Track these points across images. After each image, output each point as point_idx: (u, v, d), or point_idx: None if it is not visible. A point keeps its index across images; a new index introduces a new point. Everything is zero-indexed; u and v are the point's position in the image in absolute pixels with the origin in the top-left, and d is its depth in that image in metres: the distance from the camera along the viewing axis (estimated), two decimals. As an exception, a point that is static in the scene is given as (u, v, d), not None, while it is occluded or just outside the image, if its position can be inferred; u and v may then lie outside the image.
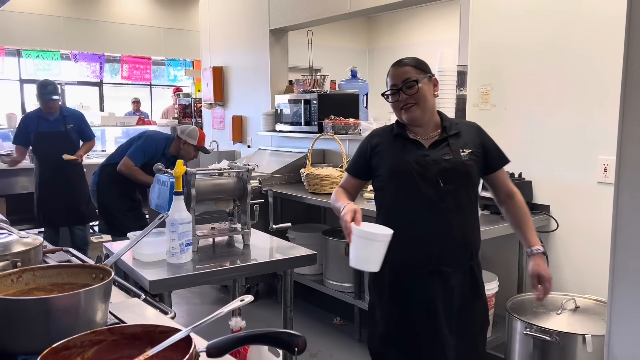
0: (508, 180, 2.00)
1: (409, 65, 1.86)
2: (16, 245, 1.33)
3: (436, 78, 1.90)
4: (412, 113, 1.84)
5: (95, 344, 0.97)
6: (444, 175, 1.83)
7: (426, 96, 1.84)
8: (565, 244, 2.88)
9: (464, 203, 1.87)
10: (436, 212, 1.84)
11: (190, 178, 2.25)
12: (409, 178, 1.85)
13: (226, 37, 5.83)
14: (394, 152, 1.91)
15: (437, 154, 1.85)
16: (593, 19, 2.70)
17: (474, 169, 1.87)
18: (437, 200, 1.83)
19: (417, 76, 1.83)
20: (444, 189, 1.82)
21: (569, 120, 2.83)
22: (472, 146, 1.88)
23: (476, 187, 1.92)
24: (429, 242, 1.85)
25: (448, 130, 1.89)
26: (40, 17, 7.76)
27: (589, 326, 2.18)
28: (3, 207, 5.38)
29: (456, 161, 1.84)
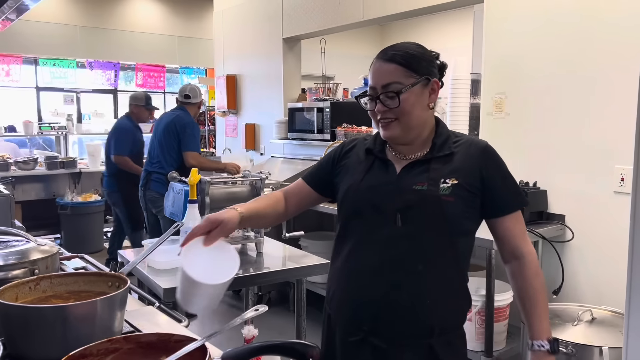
0: (519, 235, 1.38)
1: (396, 62, 1.33)
2: (34, 252, 1.35)
3: (436, 80, 1.37)
4: (391, 131, 1.36)
5: (111, 352, 0.98)
6: (405, 211, 1.31)
7: (412, 110, 1.33)
8: (581, 254, 2.85)
9: (431, 255, 1.32)
10: (385, 261, 1.33)
11: (204, 186, 2.27)
12: (361, 210, 1.38)
13: (240, 45, 5.87)
14: (355, 172, 1.44)
15: (408, 182, 1.35)
16: (609, 27, 2.68)
17: (458, 209, 1.31)
18: (389, 245, 1.33)
19: (404, 81, 1.31)
20: (401, 231, 1.32)
21: (585, 128, 2.80)
22: (463, 176, 1.33)
23: (462, 236, 1.36)
24: (363, 300, 1.35)
25: (437, 150, 1.37)
26: (57, 26, 7.88)
27: (606, 338, 2.15)
28: (19, 214, 5.44)
29: (428, 194, 1.31)
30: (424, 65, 1.35)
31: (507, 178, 1.39)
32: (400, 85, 1.31)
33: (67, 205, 5.89)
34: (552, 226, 2.85)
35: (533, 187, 2.92)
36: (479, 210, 1.37)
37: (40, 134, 7.02)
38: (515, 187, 1.41)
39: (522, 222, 1.40)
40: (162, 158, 4.18)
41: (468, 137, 1.44)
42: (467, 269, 1.42)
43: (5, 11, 3.15)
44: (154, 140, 4.31)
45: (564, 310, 2.43)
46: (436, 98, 1.40)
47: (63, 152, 7.11)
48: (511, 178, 1.40)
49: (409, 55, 1.34)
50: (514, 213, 1.38)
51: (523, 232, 1.40)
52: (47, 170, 6.22)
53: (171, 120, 4.22)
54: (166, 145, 4.18)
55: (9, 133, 6.73)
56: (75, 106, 8.29)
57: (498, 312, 2.72)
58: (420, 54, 1.37)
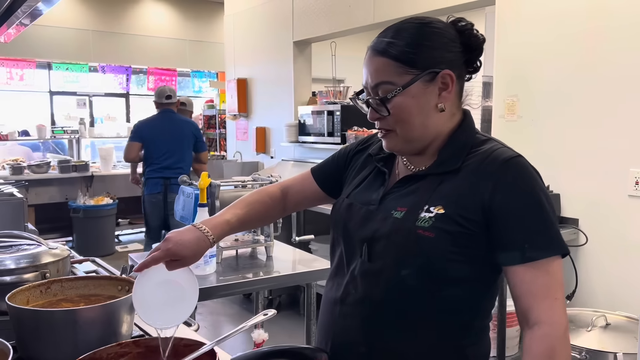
0: (536, 295, 0.96)
1: (388, 55, 1.01)
2: (45, 256, 1.36)
3: (450, 73, 1.02)
4: (389, 143, 1.08)
5: (120, 356, 0.98)
6: (372, 243, 1.04)
7: (408, 119, 1.02)
8: (595, 258, 2.81)
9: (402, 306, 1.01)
10: (346, 301, 1.07)
11: (214, 190, 2.27)
12: (336, 233, 1.15)
13: (250, 49, 5.89)
14: (352, 181, 1.19)
15: (390, 204, 1.05)
16: (622, 29, 2.65)
17: (438, 249, 0.98)
18: (350, 282, 1.07)
19: (396, 81, 1.00)
20: (367, 268, 1.05)
21: (599, 131, 2.77)
22: (454, 203, 0.99)
23: (450, 284, 1.01)
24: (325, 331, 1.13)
25: (440, 163, 1.05)
26: (70, 31, 7.97)
27: (621, 344, 2.11)
28: (32, 217, 5.50)
29: (401, 224, 1.01)
30: (428, 54, 1.01)
31: (533, 211, 0.97)
32: (391, 86, 1.00)
33: (80, 209, 5.94)
34: (565, 230, 2.82)
35: (545, 191, 2.89)
36: (484, 252, 0.99)
37: (53, 138, 7.10)
38: (547, 224, 0.97)
39: (551, 276, 0.96)
40: (184, 164, 4.33)
41: (493, 146, 1.04)
42: (475, 322, 1.06)
43: (20, 16, 3.18)
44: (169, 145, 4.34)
45: (577, 316, 2.39)
46: (451, 95, 1.04)
47: (76, 155, 7.18)
48: (543, 211, 0.97)
49: (406, 43, 1.01)
50: (534, 262, 0.95)
51: (549, 288, 0.96)
52: (60, 173, 6.28)
53: (186, 125, 4.45)
54: (187, 150, 4.38)
55: (22, 137, 6.81)
56: (88, 110, 8.37)
57: (510, 317, 2.69)
58: (423, 38, 1.02)
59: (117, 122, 8.06)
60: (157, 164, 4.34)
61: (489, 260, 1.00)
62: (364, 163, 1.20)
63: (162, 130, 4.39)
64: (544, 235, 0.97)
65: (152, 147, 4.36)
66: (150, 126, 4.45)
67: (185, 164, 4.37)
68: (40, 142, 7.22)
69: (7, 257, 1.32)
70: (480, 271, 1.02)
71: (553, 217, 0.99)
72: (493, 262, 1.01)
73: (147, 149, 4.39)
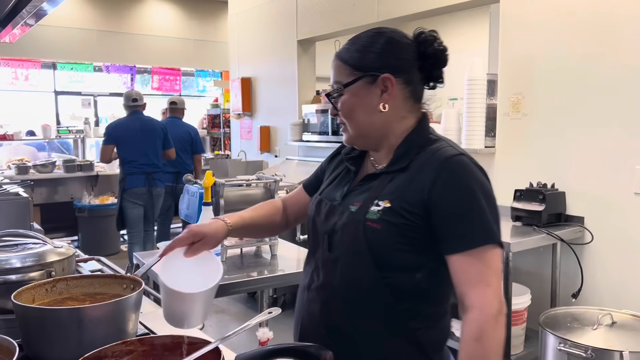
0: (470, 281, 1.05)
1: (340, 58, 1.18)
2: (50, 255, 1.36)
3: (389, 77, 1.12)
4: (345, 135, 1.22)
5: (125, 354, 0.98)
6: (332, 235, 1.16)
7: (352, 115, 1.16)
8: (601, 256, 2.80)
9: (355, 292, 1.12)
10: (313, 287, 1.20)
11: (219, 189, 2.27)
12: (308, 227, 1.27)
13: (254, 48, 5.89)
14: (327, 181, 1.31)
15: (349, 200, 1.17)
16: (627, 25, 2.63)
17: (385, 239, 1.08)
18: (316, 270, 1.20)
19: (344, 80, 1.15)
20: (328, 257, 1.16)
21: (604, 129, 2.76)
22: (399, 197, 1.09)
23: (398, 271, 1.10)
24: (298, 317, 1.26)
25: (394, 162, 1.15)
26: (74, 31, 7.99)
27: (627, 342, 2.10)
28: (38, 216, 5.52)
29: (354, 217, 1.12)
30: (370, 59, 1.13)
31: (467, 204, 1.05)
32: (340, 85, 1.16)
33: (85, 208, 5.96)
34: (570, 228, 2.81)
35: (551, 189, 2.88)
36: (429, 242, 1.08)
37: (59, 138, 7.13)
38: (481, 216, 1.05)
39: (486, 263, 1.04)
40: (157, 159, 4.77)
41: (439, 146, 1.13)
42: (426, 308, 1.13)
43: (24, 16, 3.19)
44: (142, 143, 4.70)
45: (583, 314, 2.39)
46: (393, 98, 1.14)
47: (81, 155, 7.21)
48: (478, 204, 1.05)
49: (354, 47, 1.16)
50: (469, 251, 1.04)
51: (482, 275, 1.04)
52: (65, 173, 6.30)
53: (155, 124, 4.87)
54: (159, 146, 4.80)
55: (28, 137, 6.83)
56: (93, 110, 8.39)
57: (516, 316, 2.69)
58: (370, 44, 1.14)
59: (121, 122, 8.06)
60: (135, 160, 4.65)
61: (435, 250, 1.09)
62: (338, 164, 1.31)
63: (135, 130, 4.70)
64: (478, 226, 1.06)
65: (127, 147, 4.67)
66: (122, 128, 4.75)
67: (157, 159, 4.77)
68: (45, 142, 7.25)
69: (12, 256, 1.32)
70: (427, 260, 1.10)
71: (489, 210, 1.07)
72: (439, 252, 1.09)
73: (123, 149, 4.68)
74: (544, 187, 2.89)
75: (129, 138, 4.67)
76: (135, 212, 4.66)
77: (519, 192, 2.92)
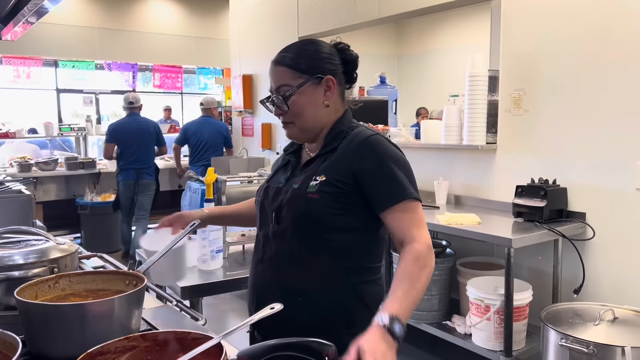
0: (408, 225, 1.30)
1: (284, 64, 1.38)
2: (53, 251, 1.36)
3: (330, 77, 1.38)
4: (289, 132, 1.42)
5: (128, 349, 0.98)
6: (279, 211, 1.37)
7: (303, 112, 1.36)
8: (603, 252, 2.80)
9: (302, 253, 1.34)
10: (264, 258, 1.41)
11: (220, 185, 2.28)
12: (257, 211, 1.49)
13: (256, 45, 5.88)
14: (271, 174, 1.55)
15: (291, 181, 1.40)
16: (629, 20, 2.63)
17: (323, 206, 1.31)
18: (266, 244, 1.41)
19: (292, 83, 1.35)
20: (275, 230, 1.38)
21: (606, 124, 2.75)
22: (332, 172, 1.33)
23: (339, 232, 1.33)
24: (252, 289, 1.46)
25: (325, 146, 1.40)
26: (76, 29, 7.99)
27: (628, 338, 2.11)
28: (40, 214, 5.53)
29: (297, 193, 1.34)
30: (314, 64, 1.37)
31: (384, 171, 1.31)
32: (288, 87, 1.35)
33: (87, 205, 5.97)
34: (572, 224, 2.81)
35: (553, 185, 2.88)
36: (362, 206, 1.33)
37: (61, 135, 7.13)
38: (396, 179, 1.30)
39: (411, 213, 1.30)
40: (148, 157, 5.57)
41: (360, 130, 1.40)
42: (364, 264, 1.37)
43: (26, 14, 3.19)
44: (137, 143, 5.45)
45: (585, 310, 2.39)
46: (333, 95, 1.39)
47: (83, 152, 7.22)
48: (392, 170, 1.31)
49: (296, 55, 1.38)
50: (395, 206, 1.29)
51: (412, 222, 1.30)
52: (67, 170, 6.31)
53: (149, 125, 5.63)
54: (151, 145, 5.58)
55: (30, 135, 6.84)
56: (95, 107, 8.40)
57: (517, 312, 2.69)
58: (310, 52, 1.39)
59: (123, 120, 8.07)
60: (128, 157, 5.44)
61: (367, 212, 1.34)
62: (281, 159, 1.54)
63: (132, 131, 5.46)
64: (397, 186, 1.31)
65: (125, 145, 5.44)
66: (121, 129, 5.49)
67: (149, 157, 5.56)
68: (47, 140, 7.25)
69: (15, 253, 1.32)
70: (362, 221, 1.35)
71: (403, 174, 1.32)
72: (371, 214, 1.34)
73: (121, 146, 5.45)
74: (546, 183, 2.89)
75: (127, 138, 5.42)
76: (126, 197, 5.50)
77: (521, 188, 2.92)
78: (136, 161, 5.44)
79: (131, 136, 5.43)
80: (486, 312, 2.75)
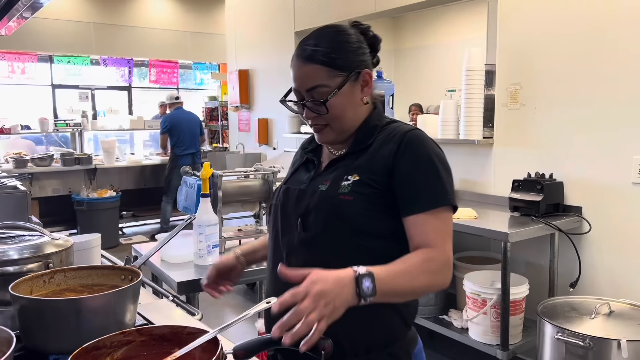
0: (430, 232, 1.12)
1: (317, 61, 1.16)
2: (48, 246, 1.36)
3: (368, 71, 1.21)
4: (325, 137, 1.24)
5: (124, 344, 0.98)
6: (306, 216, 1.19)
7: (343, 114, 1.19)
8: (599, 246, 2.80)
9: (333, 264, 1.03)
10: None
11: (217, 180, 2.27)
12: (274, 216, 1.30)
13: (252, 40, 5.87)
14: (288, 173, 1.38)
15: (317, 182, 1.23)
16: (626, 14, 2.63)
17: (358, 208, 1.14)
18: (290, 253, 1.22)
19: (330, 84, 1.16)
20: (302, 238, 1.19)
21: (602, 118, 2.75)
22: (367, 170, 1.16)
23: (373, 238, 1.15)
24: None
25: (356, 143, 1.22)
26: (71, 24, 7.95)
27: (624, 331, 2.12)
28: (36, 210, 5.52)
29: (326, 195, 1.17)
30: (351, 58, 1.18)
31: (426, 170, 1.14)
32: (326, 88, 1.16)
33: (83, 201, 5.96)
34: (568, 218, 2.81)
35: (549, 179, 2.88)
36: (390, 208, 1.15)
37: (56, 131, 7.10)
38: (439, 180, 1.14)
39: (442, 221, 1.13)
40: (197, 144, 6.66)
41: (398, 124, 1.24)
42: None
43: (20, 9, 3.17)
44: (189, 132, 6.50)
45: (581, 303, 2.40)
46: (370, 90, 1.23)
47: (78, 148, 7.19)
48: (435, 170, 1.15)
49: (330, 49, 1.17)
50: (430, 211, 1.12)
51: (440, 230, 1.12)
52: (63, 166, 6.29)
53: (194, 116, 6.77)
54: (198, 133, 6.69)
55: (25, 130, 6.81)
56: (90, 103, 8.36)
57: (514, 306, 2.70)
58: (344, 44, 1.18)
59: (119, 115, 8.05)
60: (185, 145, 6.43)
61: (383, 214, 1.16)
62: (299, 157, 1.38)
63: (185, 122, 6.48)
64: (439, 188, 1.14)
65: (181, 135, 6.41)
66: (176, 121, 6.44)
67: (198, 144, 6.63)
68: (43, 136, 7.23)
69: (10, 248, 1.32)
70: (398, 225, 1.16)
71: (444, 177, 1.16)
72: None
73: (177, 136, 6.40)
74: (542, 178, 2.89)
75: (180, 128, 6.39)
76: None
77: (517, 183, 2.93)
78: (190, 147, 6.45)
79: (185, 127, 6.42)
80: (483, 306, 2.76)
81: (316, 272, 0.96)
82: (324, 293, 0.93)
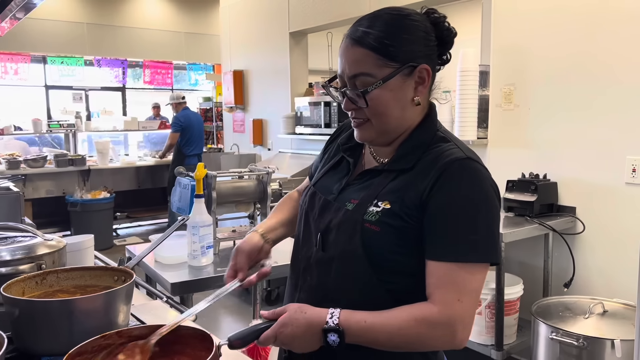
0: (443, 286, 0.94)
1: (367, 45, 0.99)
2: (41, 247, 1.35)
3: (427, 67, 1.02)
4: (363, 133, 1.06)
5: (104, 348, 0.96)
6: (326, 233, 1.06)
7: (385, 111, 1.01)
8: (592, 246, 2.81)
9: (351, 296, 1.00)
10: (302, 287, 1.11)
11: (211, 181, 2.26)
12: (298, 218, 1.18)
13: (246, 40, 5.86)
14: (322, 169, 1.19)
15: (346, 196, 1.07)
16: (620, 16, 2.64)
17: (384, 243, 0.99)
18: (306, 271, 1.11)
19: (376, 73, 0.99)
20: (320, 257, 1.07)
21: (596, 119, 2.77)
22: (400, 198, 0.99)
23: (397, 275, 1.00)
24: None
25: (396, 160, 1.05)
26: (65, 24, 7.91)
27: (618, 331, 2.12)
28: (29, 211, 5.49)
29: (350, 217, 1.03)
30: (408, 48, 0.99)
31: (463, 214, 0.95)
32: (371, 78, 0.99)
33: (77, 203, 5.93)
34: (562, 218, 2.82)
35: (543, 180, 2.89)
36: (417, 244, 0.99)
37: (50, 132, 7.06)
38: (473, 230, 0.94)
39: (458, 277, 0.94)
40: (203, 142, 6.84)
41: (447, 146, 1.02)
42: None
43: (13, 9, 3.15)
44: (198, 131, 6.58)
45: (575, 303, 2.40)
46: (426, 90, 1.04)
47: (72, 149, 7.16)
48: (473, 216, 0.95)
49: (385, 34, 0.99)
50: (443, 262, 0.94)
51: (452, 285, 0.94)
52: (57, 167, 6.26)
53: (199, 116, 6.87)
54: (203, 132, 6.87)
55: (18, 131, 6.77)
56: (84, 104, 8.33)
57: (508, 306, 2.70)
58: (403, 30, 1.00)
59: (113, 116, 8.02)
60: (194, 144, 6.47)
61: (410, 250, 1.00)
62: (335, 151, 1.19)
63: (194, 121, 6.51)
64: (471, 240, 0.95)
65: (191, 134, 6.44)
66: (187, 120, 6.45)
67: (203, 145, 6.73)
68: (36, 137, 7.19)
69: (2, 249, 1.31)
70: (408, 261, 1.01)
71: (490, 224, 0.97)
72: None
73: (188, 135, 6.42)
74: (536, 178, 2.90)
75: (190, 127, 6.41)
76: None
77: (511, 183, 2.94)
78: (198, 147, 6.53)
79: (196, 127, 6.51)
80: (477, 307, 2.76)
81: (289, 315, 0.94)
82: (291, 338, 0.93)
